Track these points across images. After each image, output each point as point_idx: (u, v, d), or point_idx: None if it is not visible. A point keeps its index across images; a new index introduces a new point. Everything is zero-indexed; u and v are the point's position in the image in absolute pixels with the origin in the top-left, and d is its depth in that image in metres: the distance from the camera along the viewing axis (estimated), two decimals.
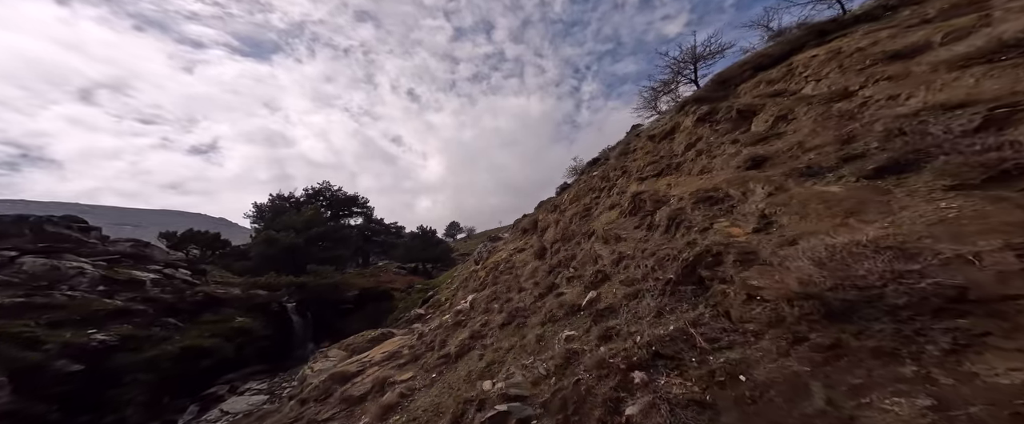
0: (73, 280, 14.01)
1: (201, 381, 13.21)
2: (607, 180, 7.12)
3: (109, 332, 11.75)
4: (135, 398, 10.84)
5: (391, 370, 5.04)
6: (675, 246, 3.18)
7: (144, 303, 14.23)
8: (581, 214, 6.47)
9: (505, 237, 16.90)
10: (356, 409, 4.56)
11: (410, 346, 5.80)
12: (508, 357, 3.53)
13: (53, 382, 9.34)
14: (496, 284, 6.62)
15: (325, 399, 5.14)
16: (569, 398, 2.24)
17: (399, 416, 3.51)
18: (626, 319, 2.89)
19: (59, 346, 9.96)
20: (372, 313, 23.85)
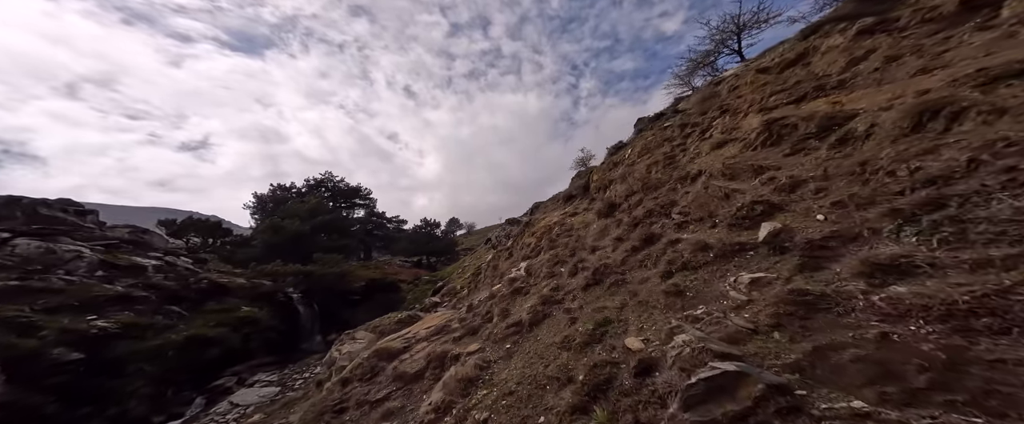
0: (70, 264, 13.21)
1: (207, 373, 12.53)
2: (692, 126, 6.50)
3: (110, 319, 11.01)
4: (139, 389, 10.14)
5: (447, 344, 4.51)
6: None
7: (146, 290, 13.47)
8: (663, 162, 5.85)
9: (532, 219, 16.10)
10: (415, 386, 4.04)
11: (461, 319, 5.23)
12: (628, 315, 2.93)
13: (50, 371, 8.61)
14: (554, 247, 6.05)
15: (372, 377, 4.56)
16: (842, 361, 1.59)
17: (486, 390, 2.89)
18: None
19: (56, 333, 9.21)
20: (380, 304, 23.21)
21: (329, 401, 4.39)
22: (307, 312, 20.32)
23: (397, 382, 4.12)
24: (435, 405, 3.06)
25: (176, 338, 12.15)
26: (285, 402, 7.56)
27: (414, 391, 3.90)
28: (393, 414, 3.52)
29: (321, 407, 4.37)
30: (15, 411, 7.32)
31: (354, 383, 4.58)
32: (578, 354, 2.72)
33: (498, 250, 14.48)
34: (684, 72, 11.77)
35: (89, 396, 9.00)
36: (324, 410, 4.28)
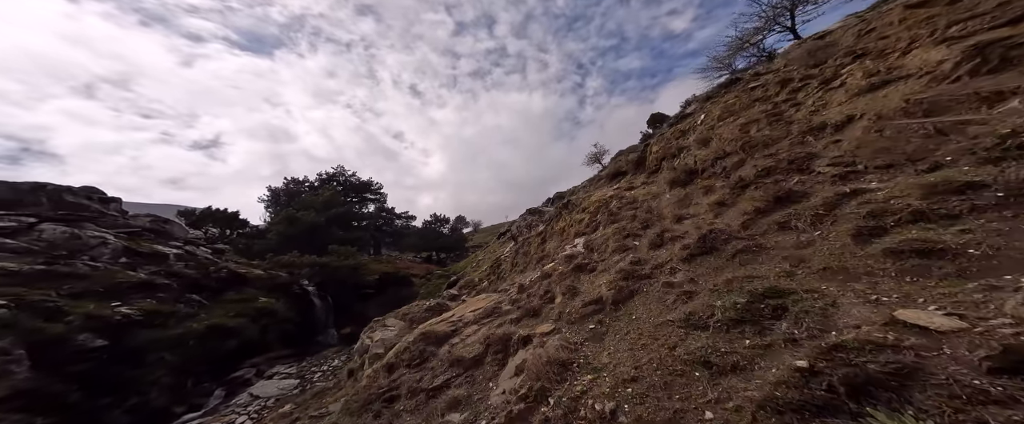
0: (95, 250, 13.26)
1: (226, 364, 12.40)
2: (802, 80, 5.85)
3: (133, 306, 10.91)
4: (159, 379, 9.99)
5: (504, 326, 4.04)
6: None
7: (168, 277, 13.42)
8: (766, 119, 5.25)
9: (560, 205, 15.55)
10: (476, 372, 3.59)
11: (512, 301, 4.82)
12: (820, 285, 2.26)
13: (74, 358, 8.48)
14: (616, 221, 5.55)
15: (421, 363, 4.15)
16: None
17: (591, 376, 2.42)
18: None
19: (82, 318, 9.10)
20: (393, 298, 23.02)
21: (374, 389, 3.95)
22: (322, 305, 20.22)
23: (455, 367, 3.65)
24: (519, 393, 2.55)
25: (197, 327, 12.04)
26: (316, 392, 7.25)
27: (476, 377, 3.45)
28: (460, 403, 3.07)
29: (366, 396, 3.93)
30: (39, 398, 7.17)
31: (401, 369, 4.14)
32: (731, 334, 2.15)
33: (527, 236, 14.01)
34: (726, 54, 11.13)
35: (110, 385, 8.85)
36: (370, 399, 3.85)
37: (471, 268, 24.30)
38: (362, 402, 3.94)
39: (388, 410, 3.60)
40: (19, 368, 7.23)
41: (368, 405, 3.85)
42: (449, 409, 3.06)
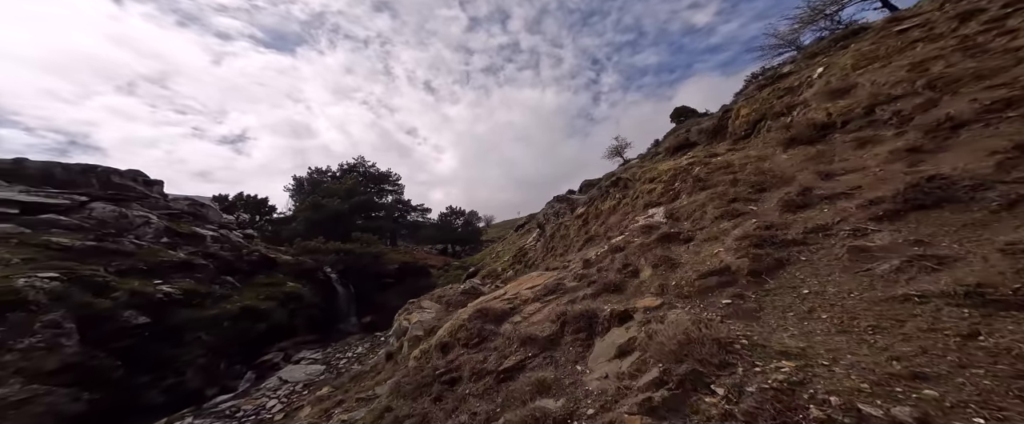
0: (139, 229, 13.86)
1: (255, 347, 12.66)
2: (998, 8, 4.99)
3: (173, 284, 11.25)
4: (195, 359, 10.23)
5: (582, 302, 3.52)
6: None
7: (205, 258, 13.85)
8: (961, 53, 4.50)
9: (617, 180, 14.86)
10: (556, 352, 3.08)
11: (579, 276, 4.40)
12: None
13: (119, 334, 8.74)
14: (709, 187, 5.03)
15: (480, 342, 3.78)
16: None
17: (776, 362, 1.83)
18: None
19: (127, 294, 9.39)
20: (411, 288, 23.10)
21: (428, 371, 3.55)
22: (344, 293, 20.52)
23: (526, 347, 3.17)
24: (647, 377, 2.04)
25: (231, 308, 12.34)
26: (353, 376, 7.07)
27: (557, 359, 2.97)
28: (549, 387, 2.59)
29: (419, 378, 3.55)
30: (85, 372, 7.37)
31: (458, 350, 3.71)
32: None
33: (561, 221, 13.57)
34: (790, 30, 10.15)
35: (150, 363, 9.09)
36: (425, 381, 3.48)
37: (490, 259, 23.99)
38: (416, 384, 3.54)
39: (451, 393, 3.17)
40: (69, 342, 7.46)
41: (424, 388, 3.44)
42: (538, 394, 2.54)
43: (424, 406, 3.17)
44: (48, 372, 6.89)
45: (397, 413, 3.29)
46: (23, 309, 7.11)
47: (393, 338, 7.48)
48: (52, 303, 7.56)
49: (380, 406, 3.64)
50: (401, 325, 7.31)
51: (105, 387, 7.59)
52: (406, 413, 3.21)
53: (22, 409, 6.22)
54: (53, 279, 7.96)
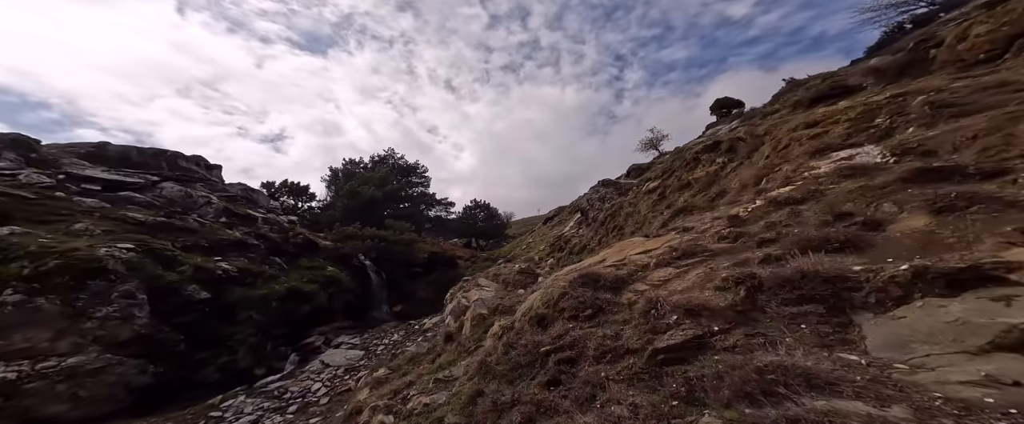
0: (202, 209, 14.80)
1: (298, 329, 12.96)
2: None
3: (230, 262, 11.71)
4: (247, 338, 10.52)
5: (778, 266, 2.49)
6: None
7: (257, 239, 14.45)
8: None
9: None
10: (758, 328, 2.14)
11: (722, 235, 3.47)
12: None
13: (183, 308, 9.11)
14: (971, 113, 3.87)
15: (597, 314, 2.91)
16: None
17: None
18: None
19: (191, 269, 9.80)
20: (441, 279, 23.00)
21: (521, 349, 2.83)
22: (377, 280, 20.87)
23: (696, 319, 2.28)
24: None
25: (279, 289, 12.71)
26: (409, 358, 6.73)
27: (771, 336, 2.02)
28: (819, 383, 1.49)
29: (511, 358, 2.92)
30: (153, 344, 7.65)
31: (563, 322, 2.93)
32: None
33: (622, 200, 12.82)
34: None
35: (207, 340, 9.39)
36: (521, 362, 2.83)
37: (520, 250, 23.34)
38: (511, 365, 2.82)
39: (571, 377, 2.41)
40: (140, 314, 7.79)
41: (524, 369, 2.77)
42: (801, 390, 1.56)
43: (533, 391, 2.43)
44: (121, 342, 7.20)
45: (495, 398, 2.61)
46: (103, 278, 7.51)
47: (450, 318, 7.02)
48: (128, 273, 7.95)
49: (467, 390, 2.97)
50: (459, 303, 6.82)
51: (169, 361, 7.85)
52: (509, 399, 2.50)
53: (97, 378, 6.50)
54: (129, 250, 8.40)
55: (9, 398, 5.56)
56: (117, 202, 12.75)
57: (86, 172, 14.06)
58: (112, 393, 6.75)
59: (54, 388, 6.04)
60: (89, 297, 7.13)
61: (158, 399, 7.22)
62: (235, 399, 7.61)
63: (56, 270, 6.78)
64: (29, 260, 6.78)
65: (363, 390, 5.80)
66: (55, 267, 6.79)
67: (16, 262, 6.68)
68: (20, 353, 6.09)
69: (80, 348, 6.73)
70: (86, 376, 6.48)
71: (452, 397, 3.23)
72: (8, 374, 5.68)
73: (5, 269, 6.46)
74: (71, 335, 6.75)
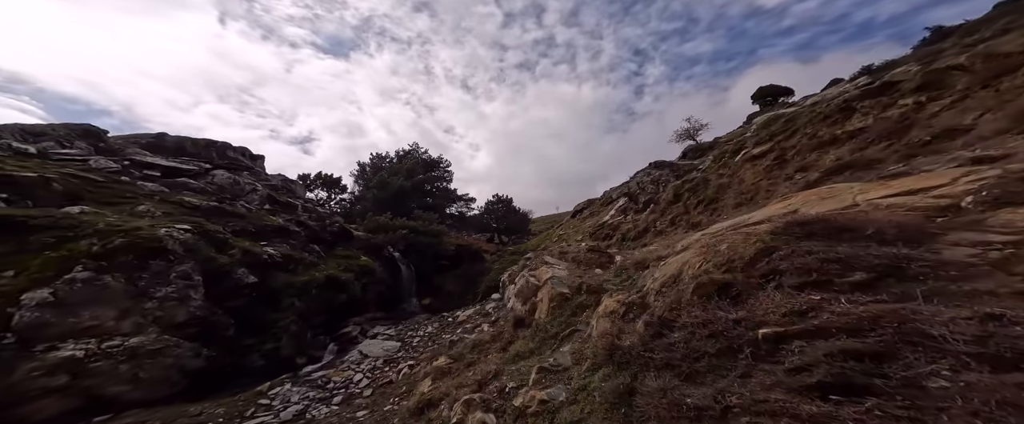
0: (248, 196, 15.33)
1: (335, 319, 12.96)
2: None
3: (275, 247, 11.87)
4: (289, 326, 10.54)
5: None
6: None
7: (298, 226, 14.71)
8: None
9: None
10: None
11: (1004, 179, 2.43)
12: None
13: (233, 292, 9.19)
14: None
15: (883, 278, 1.63)
16: None
17: None
18: None
19: (241, 253, 9.91)
20: (468, 272, 22.60)
21: (691, 331, 2.00)
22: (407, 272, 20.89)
23: None
24: None
25: (318, 276, 12.78)
26: (473, 345, 6.16)
27: None
28: None
29: (674, 346, 2.02)
30: (207, 327, 7.66)
31: (786, 292, 1.93)
32: None
33: (701, 176, 11.66)
34: None
35: (254, 326, 9.41)
36: (697, 351, 1.92)
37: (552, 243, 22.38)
38: (683, 352, 1.94)
39: (883, 378, 1.37)
40: (196, 295, 7.83)
41: (716, 358, 1.85)
42: None
43: (780, 398, 1.47)
44: (177, 324, 7.23)
45: (674, 399, 1.75)
46: (163, 258, 7.61)
47: (515, 301, 6.32)
48: (185, 254, 8.04)
49: (607, 386, 2.18)
50: (528, 283, 6.07)
51: (220, 345, 7.85)
52: (711, 402, 1.63)
53: (156, 359, 6.50)
54: (186, 231, 8.54)
55: (76, 376, 5.62)
56: (174, 187, 13.36)
57: (147, 159, 14.92)
58: (168, 376, 6.75)
59: (117, 368, 6.07)
60: (150, 277, 7.22)
61: (208, 384, 7.20)
62: (281, 387, 7.46)
63: (121, 248, 6.90)
64: (97, 238, 6.95)
65: (424, 381, 5.19)
66: (121, 245, 6.91)
67: (86, 239, 6.87)
68: (87, 331, 6.19)
69: (141, 328, 6.78)
70: (146, 357, 6.50)
71: (578, 394, 2.48)
72: (77, 352, 5.75)
73: (76, 246, 6.65)
74: (134, 315, 6.82)
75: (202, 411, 5.94)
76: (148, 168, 13.98)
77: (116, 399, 5.98)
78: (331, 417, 6.06)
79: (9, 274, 6.12)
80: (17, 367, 5.23)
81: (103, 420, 5.56)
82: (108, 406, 5.85)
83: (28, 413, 5.11)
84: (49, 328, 5.84)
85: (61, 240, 6.70)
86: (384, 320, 14.80)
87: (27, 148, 11.72)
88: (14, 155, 10.41)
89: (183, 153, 18.31)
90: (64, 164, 11.24)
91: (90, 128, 16.07)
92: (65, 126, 15.77)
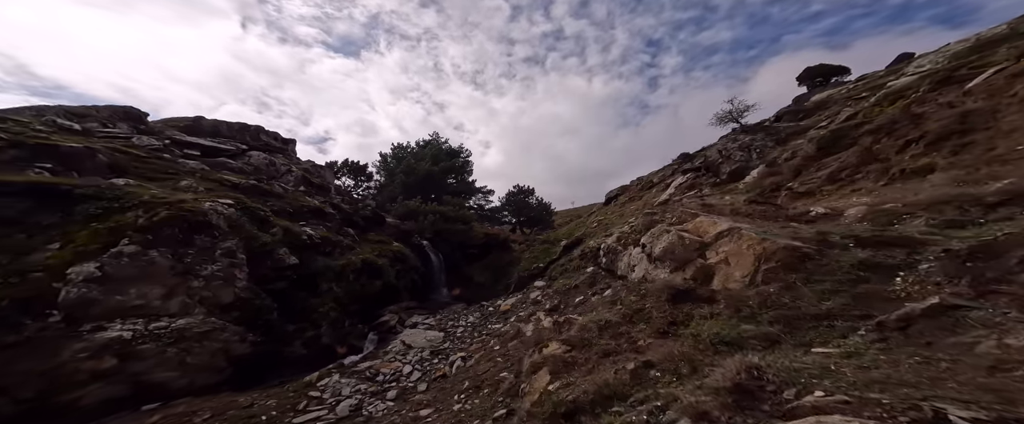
0: (284, 177, 15.04)
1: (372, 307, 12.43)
2: None
3: (313, 228, 11.38)
4: (329, 312, 10.00)
5: None
6: None
7: (332, 208, 14.27)
8: None
9: None
10: None
11: None
12: None
13: (275, 274, 8.69)
14: None
15: None
16: None
17: None
18: None
19: (281, 232, 9.40)
20: (496, 262, 21.71)
21: None
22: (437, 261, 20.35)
23: None
24: None
25: (355, 260, 12.26)
26: (601, 327, 5.03)
27: None
28: None
29: None
30: (251, 311, 7.15)
31: None
32: None
33: None
34: None
35: (295, 311, 8.88)
36: None
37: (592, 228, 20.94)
38: None
39: None
40: (241, 275, 7.31)
41: None
42: None
43: None
44: (223, 306, 6.72)
45: None
46: (208, 233, 7.10)
47: (647, 266, 4.64)
48: (229, 231, 7.52)
49: None
50: (682, 240, 4.51)
51: (264, 330, 7.32)
52: None
53: (203, 343, 5.99)
54: (230, 206, 8.03)
55: (123, 359, 5.16)
56: (214, 167, 13.13)
57: (187, 139, 14.83)
58: (214, 362, 6.24)
59: (165, 352, 5.58)
60: (196, 253, 6.72)
61: (251, 373, 6.68)
62: (330, 378, 6.85)
63: (166, 221, 6.42)
64: (143, 210, 6.49)
65: (541, 375, 3.99)
66: (166, 217, 6.42)
67: (131, 211, 6.42)
68: (135, 310, 5.73)
69: (188, 309, 6.29)
70: (193, 340, 6.00)
71: None
72: (124, 332, 5.29)
73: (122, 218, 6.20)
74: (180, 294, 6.34)
75: (253, 402, 5.36)
76: (188, 147, 13.84)
77: (162, 386, 5.50)
78: (391, 415, 5.32)
79: (54, 247, 5.70)
80: (64, 348, 4.80)
81: (152, 408, 5.10)
82: (154, 394, 5.39)
83: (75, 399, 4.69)
84: (96, 306, 5.39)
85: (107, 212, 6.28)
86: (419, 309, 14.20)
87: (72, 125, 11.68)
88: (58, 130, 10.29)
89: (218, 136, 18.29)
90: (109, 140, 11.10)
91: (131, 110, 16.17)
92: (108, 107, 15.91)
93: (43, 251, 5.52)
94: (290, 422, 5.06)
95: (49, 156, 7.53)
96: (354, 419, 5.16)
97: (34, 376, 4.51)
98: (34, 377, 4.51)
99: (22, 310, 4.87)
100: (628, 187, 29.35)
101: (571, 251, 16.72)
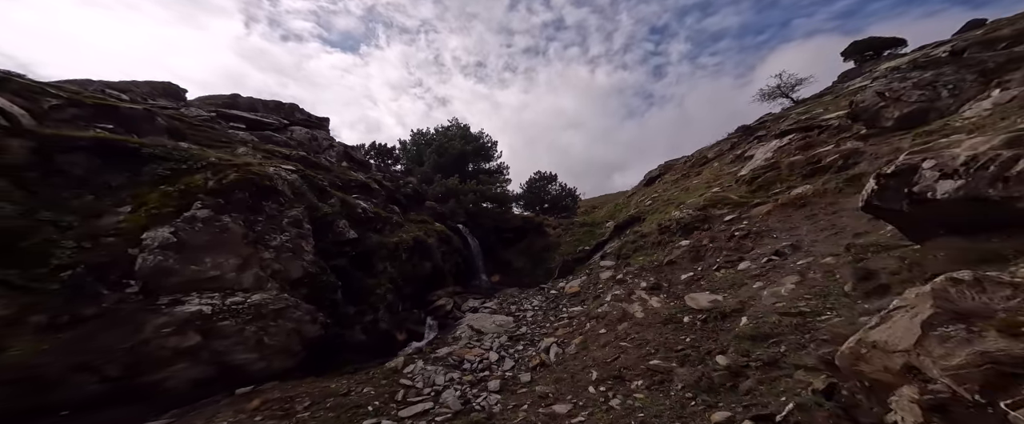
0: (326, 152, 14.47)
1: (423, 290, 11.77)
2: None
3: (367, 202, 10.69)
4: (385, 294, 9.31)
5: None
6: None
7: (376, 184, 13.61)
8: None
9: None
10: None
11: None
12: None
13: (336, 249, 8.03)
14: None
15: None
16: None
17: None
18: None
19: (339, 203, 8.69)
20: (531, 247, 20.67)
21: None
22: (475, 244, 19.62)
23: None
24: None
25: (407, 238, 11.59)
26: None
27: None
28: None
29: None
30: (317, 288, 6.47)
31: None
32: None
33: None
34: None
35: (354, 292, 8.18)
36: None
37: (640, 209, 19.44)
38: None
39: None
40: (308, 247, 6.63)
41: None
42: None
43: None
44: (293, 281, 6.07)
45: None
46: (275, 199, 6.41)
47: None
48: (294, 198, 6.81)
49: None
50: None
51: (330, 311, 6.65)
52: None
53: (278, 322, 5.37)
54: (292, 171, 7.32)
55: (206, 336, 4.58)
56: (262, 139, 12.62)
57: (231, 112, 14.39)
58: (288, 344, 5.61)
59: (243, 330, 4.98)
60: (265, 220, 6.06)
61: (323, 359, 6.03)
62: (414, 365, 6.13)
63: (237, 184, 5.76)
64: (211, 171, 5.84)
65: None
66: (235, 180, 5.76)
67: (200, 173, 5.77)
68: (210, 283, 5.13)
69: (261, 283, 5.66)
70: (269, 318, 5.37)
71: None
72: (203, 307, 4.67)
73: (192, 179, 5.56)
74: (253, 266, 5.70)
75: (350, 390, 4.67)
76: (234, 120, 13.38)
77: (243, 368, 4.92)
78: (512, 410, 4.47)
79: (126, 209, 5.09)
80: (146, 322, 4.23)
81: (246, 392, 4.53)
82: (237, 377, 4.79)
83: (161, 380, 4.14)
84: (173, 276, 4.80)
85: (176, 173, 5.66)
86: (469, 294, 13.56)
87: (120, 95, 11.32)
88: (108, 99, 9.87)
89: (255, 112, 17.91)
90: (161, 109, 10.65)
91: (170, 86, 15.86)
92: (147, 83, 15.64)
93: (114, 214, 4.93)
94: (397, 414, 4.32)
95: (108, 117, 6.98)
96: (469, 415, 4.34)
97: (120, 352, 3.93)
98: (120, 353, 3.93)
99: (99, 278, 4.28)
100: (673, 166, 27.15)
101: (624, 231, 15.52)
